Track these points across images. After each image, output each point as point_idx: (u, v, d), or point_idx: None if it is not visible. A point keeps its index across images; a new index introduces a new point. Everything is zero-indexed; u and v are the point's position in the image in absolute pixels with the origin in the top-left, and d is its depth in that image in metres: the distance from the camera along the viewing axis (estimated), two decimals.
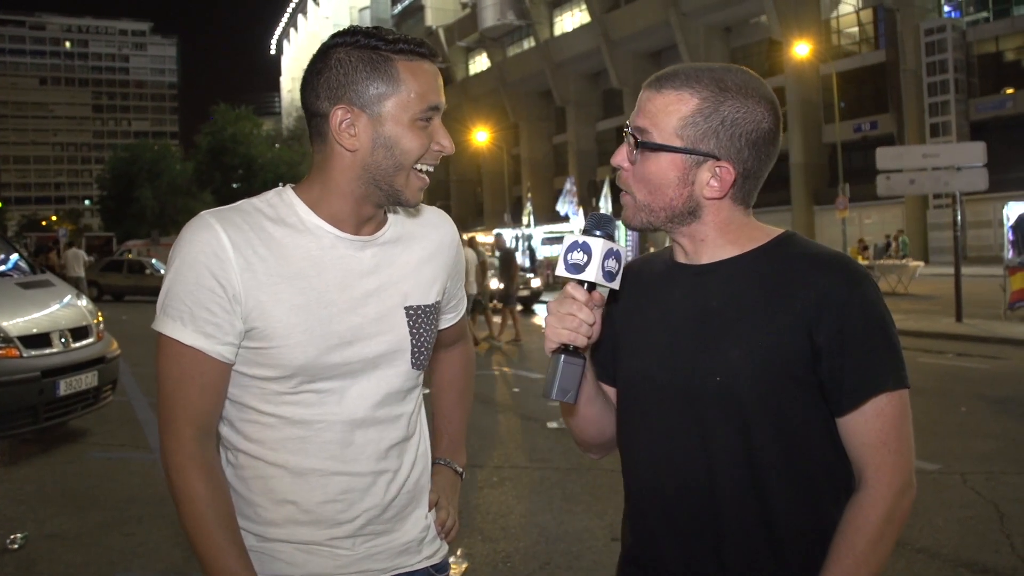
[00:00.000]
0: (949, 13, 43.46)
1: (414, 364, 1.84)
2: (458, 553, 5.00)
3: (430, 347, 1.90)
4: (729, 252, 1.66)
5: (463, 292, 2.12)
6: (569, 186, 37.24)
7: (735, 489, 1.60)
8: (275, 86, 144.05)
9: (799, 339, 1.55)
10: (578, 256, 1.54)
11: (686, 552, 1.65)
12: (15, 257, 9.16)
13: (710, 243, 1.67)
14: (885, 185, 17.21)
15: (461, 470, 2.12)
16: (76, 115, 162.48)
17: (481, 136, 54.28)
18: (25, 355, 7.23)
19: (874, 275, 17.67)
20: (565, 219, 37.30)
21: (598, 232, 1.55)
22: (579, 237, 1.55)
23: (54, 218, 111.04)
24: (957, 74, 41.30)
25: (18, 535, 5.47)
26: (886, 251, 32.33)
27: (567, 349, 1.55)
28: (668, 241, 1.77)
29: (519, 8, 62.32)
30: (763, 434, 1.58)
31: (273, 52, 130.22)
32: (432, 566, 1.92)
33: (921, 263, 27.20)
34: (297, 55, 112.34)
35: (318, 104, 1.70)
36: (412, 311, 1.83)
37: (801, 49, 39.01)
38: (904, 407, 1.58)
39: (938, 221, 39.80)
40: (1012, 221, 16.14)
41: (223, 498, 1.69)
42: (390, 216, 1.86)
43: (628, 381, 1.75)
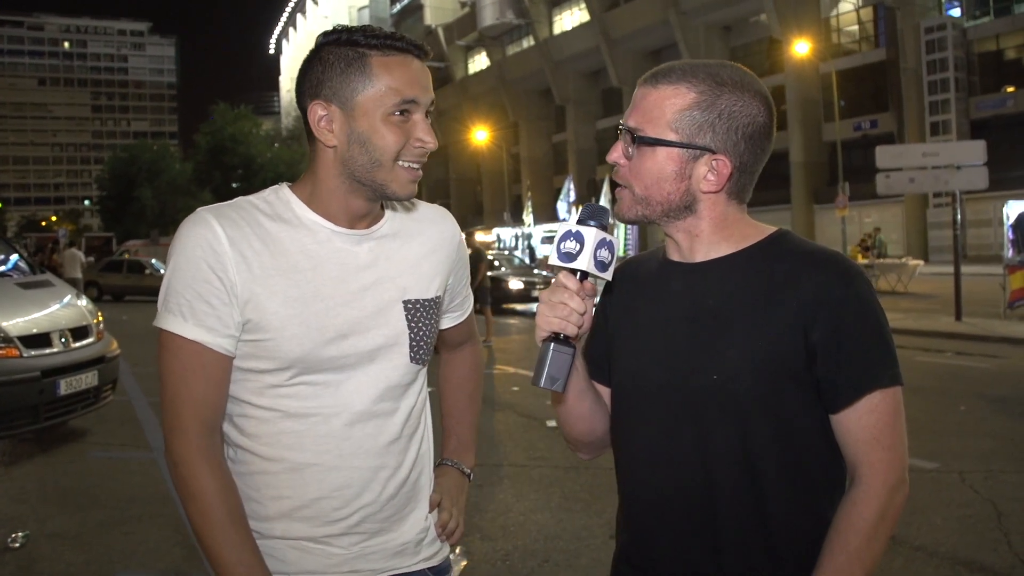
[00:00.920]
0: (949, 9, 43.38)
1: (413, 358, 1.83)
2: (456, 551, 5.00)
3: (431, 342, 1.89)
4: (724, 249, 1.67)
5: (468, 291, 2.11)
6: (568, 185, 37.30)
7: (732, 487, 1.60)
8: (274, 85, 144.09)
9: (795, 337, 1.56)
10: (571, 245, 1.53)
11: (682, 551, 1.65)
12: (15, 257, 9.17)
13: (705, 239, 1.67)
14: (885, 184, 17.21)
15: (469, 471, 2.11)
16: (75, 115, 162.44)
17: (481, 135, 54.29)
18: (25, 355, 7.23)
19: (874, 273, 17.62)
20: (563, 221, 37.29)
21: (592, 222, 1.54)
22: (572, 226, 1.54)
23: (54, 218, 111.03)
24: (957, 72, 41.24)
25: (19, 534, 5.48)
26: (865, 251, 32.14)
27: (557, 338, 1.55)
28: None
29: (518, 7, 62.32)
30: (760, 432, 1.59)
31: (272, 52, 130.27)
32: (430, 568, 1.91)
33: (921, 262, 27.19)
34: (296, 55, 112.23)
35: (303, 102, 1.74)
36: (411, 305, 1.83)
37: (801, 47, 38.99)
38: (897, 404, 1.58)
39: (938, 220, 39.78)
40: (1012, 220, 16.14)
41: (232, 492, 1.69)
42: (387, 211, 1.86)
43: (623, 380, 1.76)
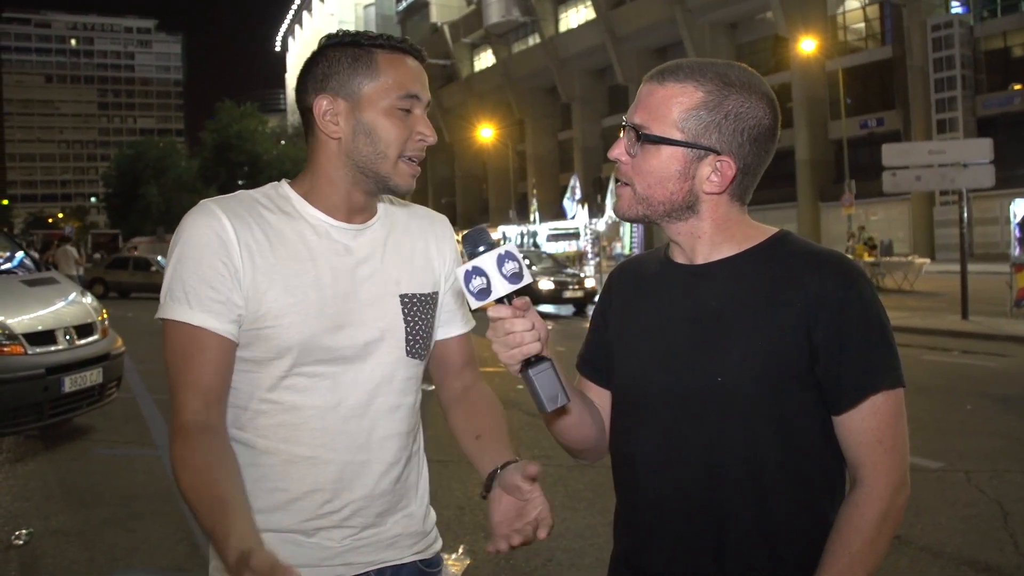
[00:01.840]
0: (956, 7, 43.27)
1: (409, 352, 1.85)
2: (460, 551, 4.99)
3: (427, 337, 1.91)
4: (726, 251, 1.66)
5: (466, 307, 2.02)
6: (574, 183, 37.23)
7: (734, 490, 1.59)
8: (280, 83, 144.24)
9: (798, 339, 1.55)
10: (478, 282, 1.50)
11: (684, 553, 1.64)
12: (20, 255, 9.18)
13: (707, 240, 1.66)
14: (891, 182, 17.17)
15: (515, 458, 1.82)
16: (82, 112, 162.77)
17: (486, 133, 54.26)
18: (30, 352, 7.24)
19: (880, 272, 17.60)
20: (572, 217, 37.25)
21: (481, 248, 1.51)
22: (467, 265, 1.51)
23: (61, 215, 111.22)
24: (964, 70, 41.17)
25: (23, 531, 5.49)
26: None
27: (529, 362, 1.52)
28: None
29: (524, 4, 62.31)
30: (763, 434, 1.58)
31: (278, 49, 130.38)
32: (421, 561, 1.92)
33: (927, 260, 27.14)
34: (302, 52, 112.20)
35: (306, 98, 1.78)
36: (407, 299, 1.85)
37: (807, 45, 38.89)
38: (900, 406, 1.57)
39: (944, 218, 39.74)
40: (1019, 218, 16.12)
41: (217, 461, 1.62)
42: (381, 206, 1.89)
43: (625, 383, 1.75)
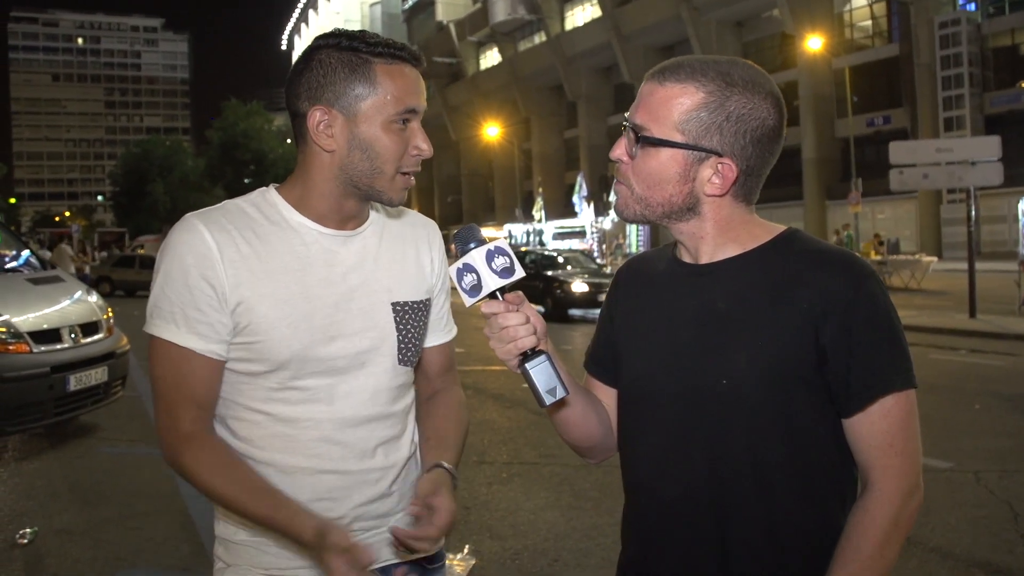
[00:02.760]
0: (964, 4, 43.16)
1: (401, 360, 1.85)
2: (466, 551, 4.98)
3: (419, 344, 1.91)
4: (731, 251, 1.62)
5: (450, 315, 2.04)
6: (581, 181, 37.27)
7: (741, 492, 1.57)
8: (286, 81, 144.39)
9: (805, 339, 1.51)
10: (470, 279, 1.52)
11: (690, 557, 1.62)
12: (26, 253, 9.19)
13: (710, 241, 1.63)
14: (898, 180, 17.11)
15: (448, 467, 1.83)
16: (89, 111, 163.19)
17: (492, 131, 54.29)
18: (35, 351, 7.24)
19: (887, 270, 17.56)
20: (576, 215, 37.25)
21: (471, 245, 1.53)
22: (458, 263, 1.53)
23: (67, 214, 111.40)
24: (972, 68, 41.08)
25: (27, 530, 5.48)
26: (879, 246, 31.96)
27: (525, 356, 1.53)
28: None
29: (530, 3, 62.32)
30: (770, 436, 1.55)
31: (284, 47, 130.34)
32: (423, 558, 1.90)
33: (934, 258, 27.07)
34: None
35: (299, 104, 1.73)
36: (399, 307, 1.84)
37: (814, 43, 38.81)
38: (911, 408, 1.54)
39: (952, 216, 39.62)
40: None
41: (230, 458, 1.71)
42: (372, 213, 1.87)
43: (631, 384, 1.72)
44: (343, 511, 1.79)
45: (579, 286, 19.29)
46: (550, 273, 20.25)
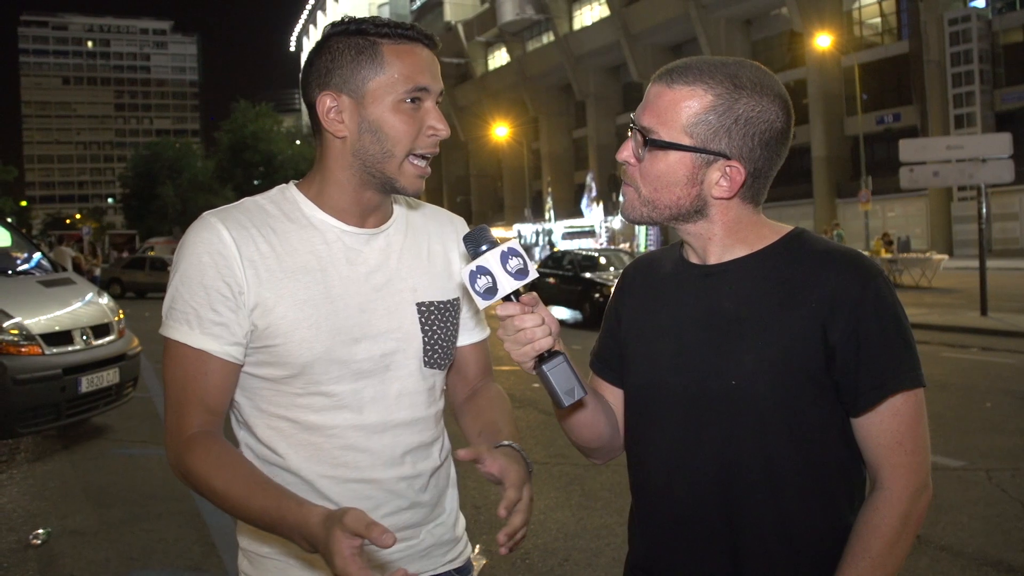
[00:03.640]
0: (973, 1, 42.99)
1: (427, 362, 1.78)
2: (476, 550, 4.98)
3: (448, 346, 1.83)
4: (739, 251, 1.62)
5: (481, 314, 1.92)
6: (590, 181, 37.25)
7: (750, 492, 1.57)
8: (294, 83, 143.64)
9: (813, 339, 1.51)
10: (484, 281, 1.48)
11: (699, 556, 1.62)
12: (37, 256, 9.23)
13: (718, 242, 1.63)
14: (908, 178, 17.05)
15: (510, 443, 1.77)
16: (98, 114, 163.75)
17: (501, 131, 54.27)
18: (47, 353, 7.28)
19: (897, 268, 17.46)
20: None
21: (484, 248, 1.50)
22: (471, 265, 1.49)
23: (78, 216, 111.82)
24: (982, 64, 40.92)
25: (40, 531, 5.51)
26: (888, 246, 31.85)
27: (542, 358, 1.51)
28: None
29: (538, 2, 62.24)
30: (779, 436, 1.55)
31: (293, 49, 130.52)
32: (455, 569, 1.89)
33: (945, 256, 26.98)
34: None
35: (311, 94, 1.69)
36: (424, 307, 1.78)
37: (823, 41, 38.73)
38: (920, 407, 1.54)
39: (962, 214, 39.50)
40: None
41: (230, 456, 1.60)
42: (397, 208, 1.82)
43: (638, 385, 1.72)
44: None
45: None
46: (588, 275, 18.95)
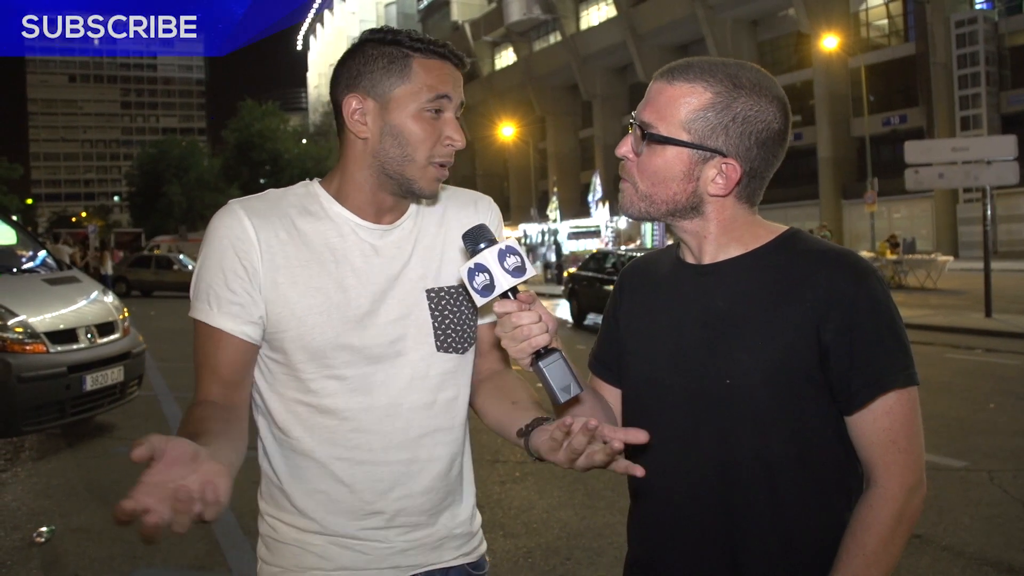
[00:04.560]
0: (980, 3, 42.89)
1: (439, 347, 1.81)
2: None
3: (464, 329, 1.86)
4: (734, 251, 1.64)
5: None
6: (596, 181, 37.21)
7: (748, 490, 1.58)
8: (302, 82, 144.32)
9: (808, 338, 1.53)
10: (482, 278, 1.51)
11: (697, 555, 1.64)
12: (43, 254, 9.25)
13: (713, 241, 1.65)
14: (914, 179, 17.04)
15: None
16: (105, 112, 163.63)
17: (507, 131, 54.25)
18: (52, 351, 7.30)
19: (902, 270, 17.40)
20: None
21: (482, 246, 1.53)
22: (469, 263, 1.52)
23: (84, 214, 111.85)
24: (988, 67, 40.84)
25: (44, 529, 5.53)
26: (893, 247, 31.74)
27: (539, 355, 1.53)
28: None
29: (545, 2, 62.25)
30: (775, 435, 1.56)
31: (300, 48, 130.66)
32: (469, 564, 1.91)
33: (950, 258, 26.93)
34: (324, 50, 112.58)
35: (338, 93, 1.75)
36: (434, 293, 1.82)
37: (829, 42, 38.69)
38: (913, 405, 1.55)
39: (968, 215, 39.42)
40: None
41: (207, 417, 1.62)
42: (412, 205, 1.86)
43: (635, 384, 1.74)
44: (384, 504, 1.77)
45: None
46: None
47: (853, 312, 1.52)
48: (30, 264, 8.85)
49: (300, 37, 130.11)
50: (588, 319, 17.94)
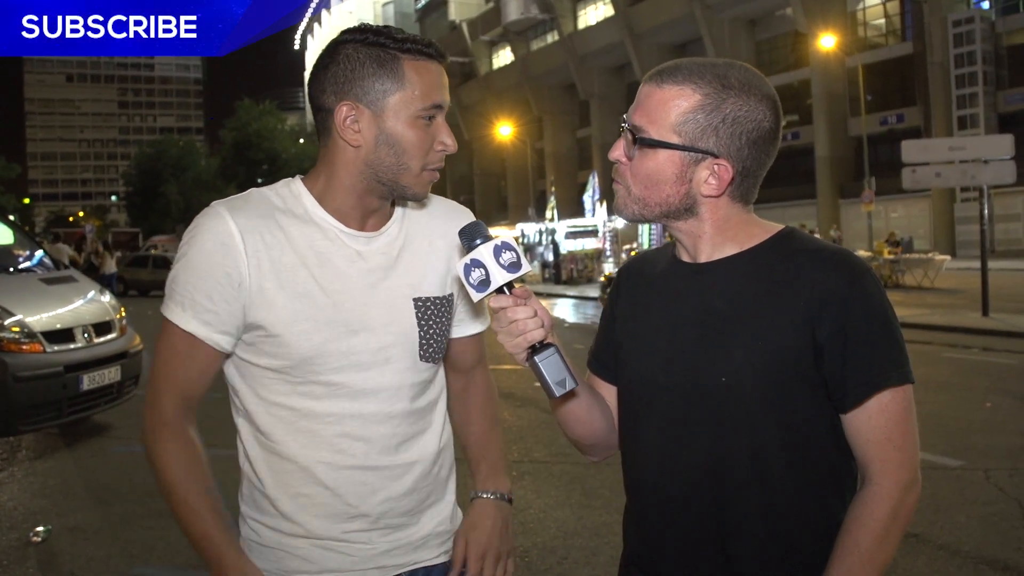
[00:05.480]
0: (977, 3, 42.92)
1: (423, 356, 1.83)
2: None
3: (442, 340, 1.88)
4: (729, 250, 1.64)
5: (483, 306, 2.00)
6: (594, 180, 37.20)
7: (742, 488, 1.58)
8: (299, 81, 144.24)
9: (802, 337, 1.53)
10: (478, 274, 1.52)
11: (691, 552, 1.64)
12: (40, 253, 9.24)
13: (708, 240, 1.65)
14: (911, 178, 17.03)
15: (509, 496, 2.04)
16: (102, 111, 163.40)
17: (505, 130, 54.21)
18: (48, 350, 7.30)
19: (899, 269, 17.42)
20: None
21: (478, 241, 1.54)
22: (465, 259, 1.53)
23: (81, 214, 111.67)
24: (985, 66, 40.84)
25: (41, 528, 5.52)
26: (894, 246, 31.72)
27: (534, 349, 1.54)
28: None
29: (543, 2, 62.20)
30: (769, 433, 1.57)
31: (297, 47, 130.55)
32: (451, 560, 1.92)
33: (947, 257, 26.94)
34: (320, 50, 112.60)
35: (324, 99, 1.72)
36: (421, 303, 1.82)
37: (827, 41, 38.69)
38: (908, 403, 1.56)
39: (965, 214, 39.41)
40: None
41: (196, 466, 1.73)
42: (397, 209, 1.85)
43: (631, 382, 1.74)
44: (368, 508, 1.78)
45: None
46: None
47: (848, 311, 1.52)
48: (27, 264, 8.84)
49: (297, 36, 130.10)
50: None
